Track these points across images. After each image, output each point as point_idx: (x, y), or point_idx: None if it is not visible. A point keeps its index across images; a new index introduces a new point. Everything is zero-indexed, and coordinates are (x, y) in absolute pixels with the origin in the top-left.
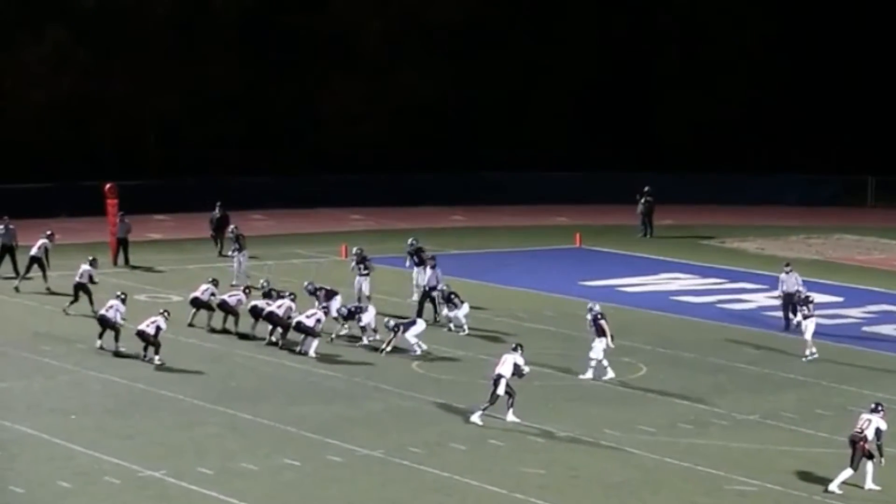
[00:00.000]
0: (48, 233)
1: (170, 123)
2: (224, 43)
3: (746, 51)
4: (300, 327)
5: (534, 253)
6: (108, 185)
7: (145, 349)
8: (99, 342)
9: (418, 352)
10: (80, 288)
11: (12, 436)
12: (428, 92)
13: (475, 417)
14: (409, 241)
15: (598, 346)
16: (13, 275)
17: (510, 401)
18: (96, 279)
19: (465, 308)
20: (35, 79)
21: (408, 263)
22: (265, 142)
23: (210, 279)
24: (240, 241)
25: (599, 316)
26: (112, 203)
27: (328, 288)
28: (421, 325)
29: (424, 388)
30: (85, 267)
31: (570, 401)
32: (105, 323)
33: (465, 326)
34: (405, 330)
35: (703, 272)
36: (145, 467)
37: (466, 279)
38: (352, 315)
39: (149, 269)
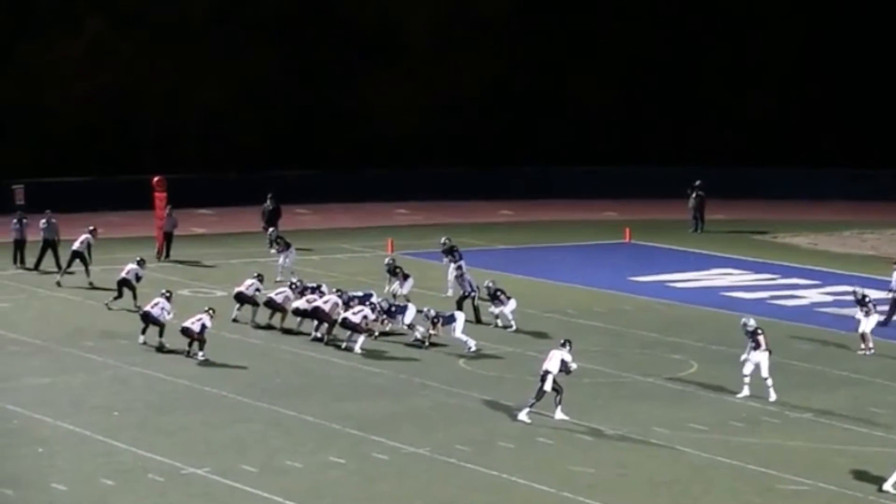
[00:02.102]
0: (90, 228)
1: (212, 116)
2: (267, 35)
3: (798, 42)
4: (346, 323)
5: (583, 248)
6: (156, 178)
7: (189, 345)
8: (142, 338)
9: (472, 347)
10: (123, 284)
11: (54, 433)
12: (474, 84)
13: (522, 415)
14: (443, 239)
15: (765, 363)
16: (55, 269)
17: (558, 398)
18: (142, 277)
19: (512, 304)
20: (75, 72)
21: (445, 261)
22: (310, 135)
23: (255, 274)
24: (279, 242)
25: (760, 330)
26: (160, 196)
27: (361, 294)
28: (461, 317)
29: (471, 384)
30: (132, 266)
31: (619, 398)
32: (148, 319)
33: (513, 323)
34: (444, 322)
35: (755, 268)
36: (189, 465)
37: (514, 275)
38: (391, 313)
39: (193, 264)
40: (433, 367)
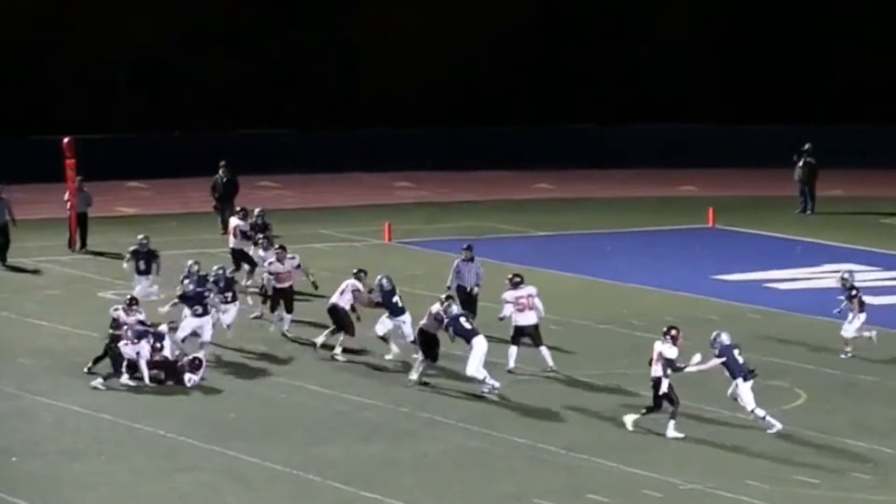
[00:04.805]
0: (238, 209)
1: (150, 60)
2: None
3: None
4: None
5: (651, 235)
6: (65, 140)
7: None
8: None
9: (487, 386)
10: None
11: None
12: (501, 21)
13: (670, 430)
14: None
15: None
16: None
17: (671, 410)
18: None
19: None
20: None
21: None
22: (280, 86)
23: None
24: (267, 235)
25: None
26: (70, 164)
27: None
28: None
29: (498, 422)
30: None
31: (701, 440)
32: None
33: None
34: (469, 336)
35: (886, 262)
36: None
37: (556, 271)
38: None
39: (118, 257)
40: (446, 398)
